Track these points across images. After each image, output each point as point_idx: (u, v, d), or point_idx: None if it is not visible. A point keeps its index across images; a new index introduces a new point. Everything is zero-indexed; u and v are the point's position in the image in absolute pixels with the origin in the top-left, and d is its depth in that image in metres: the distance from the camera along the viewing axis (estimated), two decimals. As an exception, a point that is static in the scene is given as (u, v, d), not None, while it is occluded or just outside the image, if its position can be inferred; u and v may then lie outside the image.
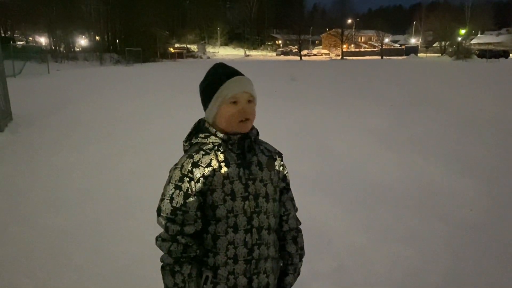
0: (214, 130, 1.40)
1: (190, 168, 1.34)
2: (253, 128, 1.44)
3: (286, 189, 1.52)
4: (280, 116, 7.73)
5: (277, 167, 1.48)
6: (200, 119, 1.46)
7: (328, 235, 3.17)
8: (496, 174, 4.35)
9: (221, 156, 1.37)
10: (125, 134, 6.48)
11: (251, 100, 1.40)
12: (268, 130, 5.93)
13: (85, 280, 2.66)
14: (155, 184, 3.98)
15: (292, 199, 1.53)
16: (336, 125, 7.16)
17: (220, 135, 1.38)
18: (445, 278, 2.70)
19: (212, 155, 1.36)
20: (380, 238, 3.08)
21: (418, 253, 2.91)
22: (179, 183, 1.34)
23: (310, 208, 3.47)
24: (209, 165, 1.35)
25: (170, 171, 1.38)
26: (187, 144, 1.44)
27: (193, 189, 1.34)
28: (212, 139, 1.39)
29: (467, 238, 3.12)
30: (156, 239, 1.36)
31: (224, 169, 1.36)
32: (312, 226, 3.27)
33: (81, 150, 5.50)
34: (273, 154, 1.48)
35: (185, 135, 1.44)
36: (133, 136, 6.34)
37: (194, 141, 1.42)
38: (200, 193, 1.35)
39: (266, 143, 1.51)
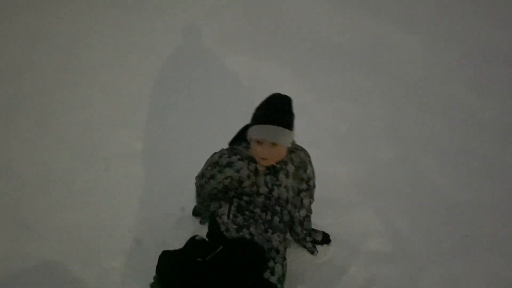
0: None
1: (224, 163, 1.69)
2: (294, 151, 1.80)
3: (306, 189, 1.87)
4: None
5: (303, 175, 1.82)
6: (245, 125, 1.76)
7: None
8: (440, 33, 4.38)
9: (252, 166, 1.70)
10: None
11: (276, 144, 1.62)
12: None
13: (28, 150, 2.63)
14: (105, 51, 3.73)
15: (310, 196, 1.91)
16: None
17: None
18: (385, 128, 2.91)
19: (245, 163, 1.69)
20: (326, 95, 3.17)
21: (361, 108, 3.06)
22: (212, 166, 1.72)
23: (258, 72, 3.44)
24: (239, 170, 1.69)
25: (212, 155, 1.77)
26: (230, 147, 1.80)
27: (218, 179, 1.71)
28: (250, 152, 1.70)
29: (408, 93, 3.27)
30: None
31: (252, 178, 1.70)
32: (260, 89, 3.27)
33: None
34: (304, 163, 1.82)
35: None
36: None
37: (236, 146, 1.77)
38: (225, 187, 1.73)
39: (301, 152, 1.84)
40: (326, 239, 2.02)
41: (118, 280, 1.88)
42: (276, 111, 1.65)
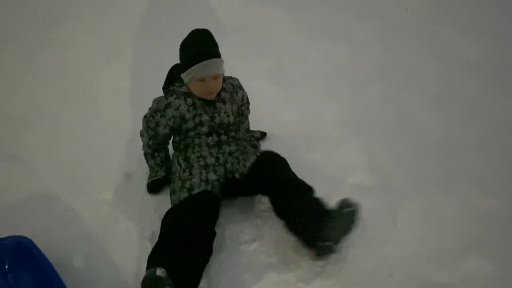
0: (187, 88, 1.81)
1: (163, 107, 1.79)
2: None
3: (246, 107, 2.04)
4: None
5: (237, 98, 1.93)
6: (173, 67, 1.91)
7: (268, 37, 3.18)
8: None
9: (189, 100, 1.79)
10: None
11: (216, 77, 1.73)
12: None
13: (15, 87, 2.61)
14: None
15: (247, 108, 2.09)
16: None
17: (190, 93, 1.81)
18: (373, 68, 2.91)
19: (182, 99, 1.78)
20: (317, 37, 3.14)
21: (352, 49, 3.04)
22: (154, 114, 1.82)
23: (248, 13, 3.37)
24: (178, 108, 1.78)
25: (152, 101, 1.85)
26: (165, 91, 1.89)
27: (162, 123, 1.80)
28: (184, 88, 1.81)
29: (399, 36, 3.24)
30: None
31: (192, 111, 1.79)
32: (252, 30, 3.23)
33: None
34: (235, 88, 1.93)
35: None
36: None
37: (171, 88, 1.85)
38: (171, 128, 1.82)
39: (230, 79, 1.93)
40: (263, 134, 2.25)
41: (108, 210, 1.94)
42: (208, 45, 1.73)
